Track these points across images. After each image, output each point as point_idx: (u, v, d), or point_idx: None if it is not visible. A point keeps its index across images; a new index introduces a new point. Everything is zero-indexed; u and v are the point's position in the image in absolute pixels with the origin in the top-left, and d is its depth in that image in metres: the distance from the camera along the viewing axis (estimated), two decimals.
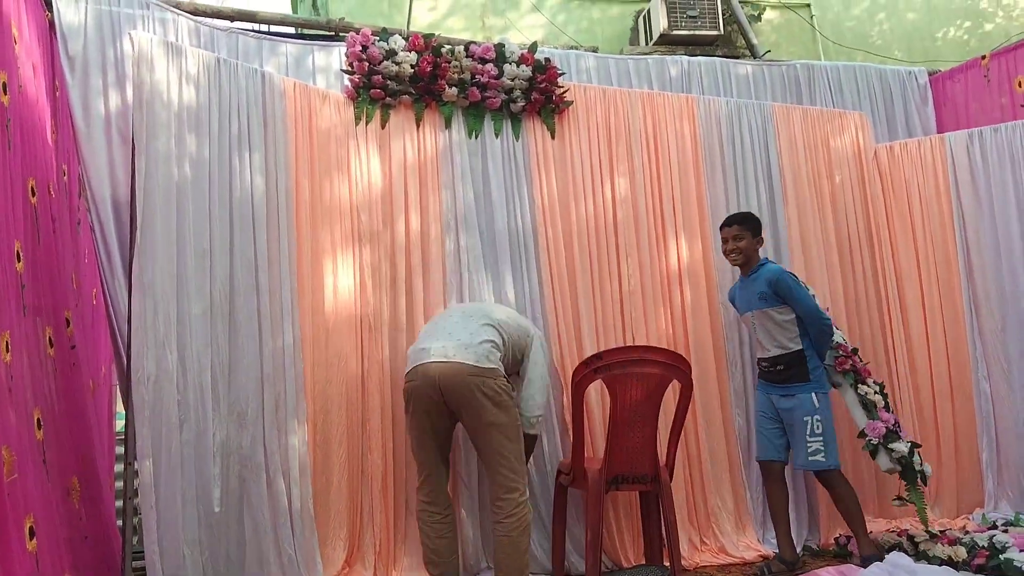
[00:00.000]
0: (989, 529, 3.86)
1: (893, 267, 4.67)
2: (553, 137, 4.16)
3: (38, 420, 2.68)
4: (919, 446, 3.86)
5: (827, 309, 4.11)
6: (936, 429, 4.51)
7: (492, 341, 3.22)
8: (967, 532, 3.78)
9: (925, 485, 3.85)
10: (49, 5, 3.51)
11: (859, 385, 3.95)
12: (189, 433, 3.02)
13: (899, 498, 3.94)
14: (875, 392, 3.94)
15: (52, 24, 3.51)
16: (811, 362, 3.73)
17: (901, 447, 3.78)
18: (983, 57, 5.21)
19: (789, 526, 3.81)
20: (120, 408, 3.86)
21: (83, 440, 3.28)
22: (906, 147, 4.82)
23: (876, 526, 4.11)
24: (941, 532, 3.78)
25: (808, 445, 3.67)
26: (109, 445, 3.90)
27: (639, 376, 3.46)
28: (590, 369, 3.47)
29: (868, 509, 4.11)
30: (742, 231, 3.82)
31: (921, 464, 3.81)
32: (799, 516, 4.10)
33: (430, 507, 3.25)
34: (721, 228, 3.94)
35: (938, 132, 5.25)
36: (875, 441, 3.81)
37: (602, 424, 3.78)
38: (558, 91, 4.16)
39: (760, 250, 3.91)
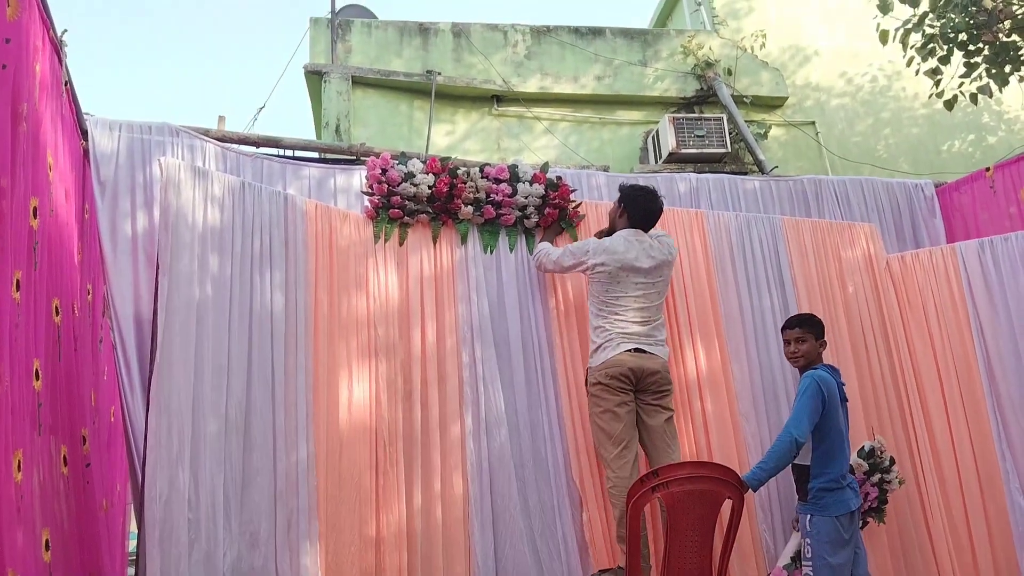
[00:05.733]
0: None
1: (913, 375, 4.60)
2: None
3: (46, 541, 2.64)
4: None
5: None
6: (971, 546, 4.31)
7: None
8: None
9: None
10: (85, 134, 3.70)
11: None
12: (199, 554, 2.95)
13: None
14: None
15: (86, 151, 3.69)
16: (815, 481, 3.45)
17: None
18: (988, 169, 5.31)
19: None
20: (134, 528, 3.81)
21: (92, 562, 3.21)
22: (918, 257, 4.86)
23: None
24: None
25: (803, 569, 3.44)
26: (121, 566, 3.82)
27: (698, 494, 3.27)
28: (647, 488, 3.24)
29: None
30: (804, 333, 3.65)
31: None
32: None
33: None
34: (783, 330, 3.79)
35: (947, 242, 5.27)
36: None
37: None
38: (571, 206, 4.27)
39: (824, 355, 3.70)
